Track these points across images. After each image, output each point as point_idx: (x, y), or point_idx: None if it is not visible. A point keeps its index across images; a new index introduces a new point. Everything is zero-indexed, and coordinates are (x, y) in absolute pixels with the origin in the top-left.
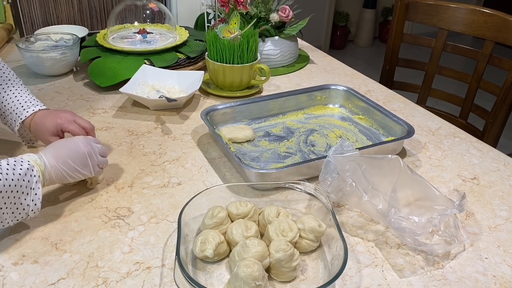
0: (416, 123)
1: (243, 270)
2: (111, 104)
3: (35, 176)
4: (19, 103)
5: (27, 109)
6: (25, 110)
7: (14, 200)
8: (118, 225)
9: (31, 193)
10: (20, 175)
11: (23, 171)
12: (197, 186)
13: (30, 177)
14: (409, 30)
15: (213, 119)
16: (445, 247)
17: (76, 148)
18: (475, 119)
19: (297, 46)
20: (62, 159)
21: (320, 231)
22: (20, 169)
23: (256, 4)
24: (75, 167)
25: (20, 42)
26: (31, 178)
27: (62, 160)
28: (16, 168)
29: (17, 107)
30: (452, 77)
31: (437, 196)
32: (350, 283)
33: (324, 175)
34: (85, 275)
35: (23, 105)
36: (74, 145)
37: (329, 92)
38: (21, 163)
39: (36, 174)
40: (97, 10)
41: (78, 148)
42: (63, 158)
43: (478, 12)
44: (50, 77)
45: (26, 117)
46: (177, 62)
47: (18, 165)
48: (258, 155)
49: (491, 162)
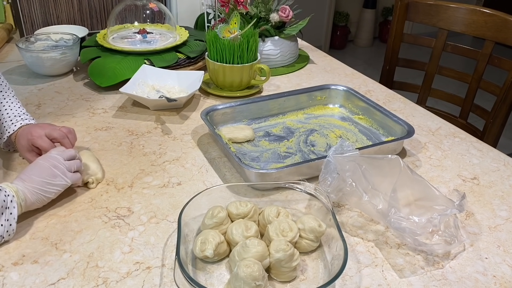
0: (416, 123)
1: (243, 270)
2: (111, 104)
3: (8, 195)
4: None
5: (15, 123)
6: (13, 124)
7: None
8: (118, 225)
9: (5, 212)
10: None
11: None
12: (197, 186)
13: (5, 197)
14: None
15: (213, 119)
16: (445, 247)
17: (36, 166)
18: (475, 119)
19: (297, 46)
20: (28, 178)
21: (320, 231)
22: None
23: (256, 4)
24: (44, 181)
25: (20, 42)
26: (6, 197)
27: (28, 179)
28: None
29: (5, 120)
30: (452, 77)
31: (437, 196)
32: (350, 283)
33: (324, 175)
34: (85, 275)
35: (11, 119)
36: (34, 164)
37: (329, 92)
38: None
39: (10, 193)
40: (97, 10)
41: (38, 165)
42: (29, 177)
43: (478, 12)
44: (50, 77)
45: (14, 130)
46: (177, 62)
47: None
48: (258, 155)
49: (491, 162)
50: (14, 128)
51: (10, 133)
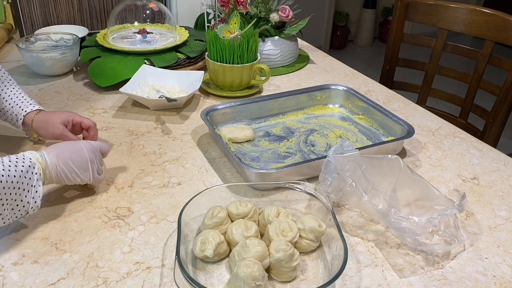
0: (416, 123)
1: (243, 270)
2: (111, 104)
3: (36, 174)
4: (24, 97)
5: (33, 104)
6: (31, 105)
7: (15, 197)
8: (118, 225)
9: (31, 190)
10: (22, 171)
11: (24, 168)
12: (197, 186)
13: (32, 175)
14: (409, 30)
15: (213, 119)
16: (445, 247)
17: (79, 152)
18: (475, 119)
19: (297, 46)
20: (63, 159)
21: (320, 231)
22: (22, 165)
23: (256, 4)
24: (74, 170)
25: (20, 42)
26: (33, 175)
27: (63, 160)
28: (18, 165)
29: (21, 101)
30: (452, 77)
31: (437, 196)
32: (350, 283)
33: (324, 175)
34: (85, 275)
35: (28, 101)
36: (78, 148)
37: (329, 92)
38: (23, 160)
39: (38, 171)
40: (97, 10)
41: (81, 152)
42: (64, 159)
43: (478, 12)
44: (50, 77)
45: (31, 110)
46: (177, 62)
47: (20, 162)
48: (258, 155)
49: (491, 162)
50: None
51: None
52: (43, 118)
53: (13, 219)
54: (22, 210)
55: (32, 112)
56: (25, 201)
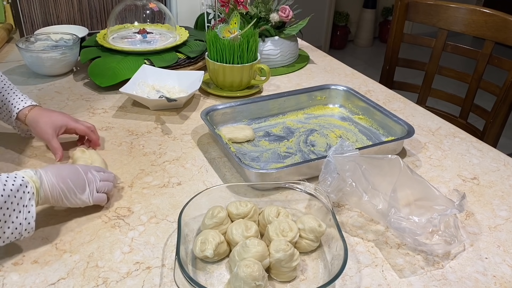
0: (416, 123)
1: (243, 270)
2: (111, 104)
3: (28, 193)
4: (15, 94)
5: (25, 100)
6: (22, 101)
7: (4, 218)
8: (118, 225)
9: (23, 210)
10: (11, 191)
11: (15, 187)
12: (197, 186)
13: (23, 194)
14: (409, 30)
15: (213, 119)
16: (445, 247)
17: (77, 173)
18: (475, 119)
19: (297, 46)
20: (63, 178)
21: (320, 231)
22: (12, 184)
23: (256, 4)
24: (74, 190)
25: (20, 42)
26: (24, 194)
27: (62, 179)
28: (8, 183)
29: (13, 98)
30: (452, 77)
31: (437, 196)
32: (350, 283)
33: (324, 175)
34: (85, 275)
35: (20, 97)
36: (75, 170)
37: (329, 92)
38: (14, 179)
39: (30, 190)
40: (97, 10)
41: (78, 173)
42: (64, 178)
43: (478, 12)
44: (50, 77)
45: (24, 107)
46: (177, 62)
47: (11, 181)
48: (258, 155)
49: (491, 162)
50: (24, 105)
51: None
52: (35, 117)
53: (5, 242)
54: (15, 232)
55: (25, 108)
56: (16, 222)
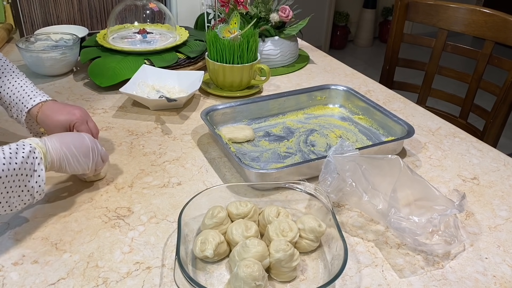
0: (416, 123)
1: (243, 270)
2: (111, 104)
3: (37, 158)
4: (25, 92)
5: (34, 98)
6: (31, 99)
7: (19, 183)
8: (118, 225)
9: (34, 175)
10: (23, 157)
11: (25, 153)
12: (197, 186)
13: (33, 159)
14: (409, 30)
15: (213, 119)
16: (445, 247)
17: (81, 139)
18: (475, 119)
19: (297, 46)
20: (66, 144)
21: (320, 231)
22: (23, 151)
23: (256, 4)
24: (77, 155)
25: (20, 42)
26: (34, 160)
27: (66, 145)
28: (19, 152)
29: (23, 97)
30: (452, 77)
31: (437, 196)
32: (350, 283)
33: (324, 175)
34: (85, 275)
35: (29, 95)
36: (80, 137)
37: (329, 92)
38: (23, 147)
39: (38, 155)
40: (97, 10)
41: (83, 140)
42: (67, 144)
43: (478, 12)
44: (50, 77)
45: (32, 106)
46: (177, 62)
47: (20, 149)
48: (258, 155)
49: (491, 162)
50: (33, 103)
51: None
52: (46, 115)
53: (21, 206)
54: (28, 195)
55: (35, 107)
56: (29, 186)
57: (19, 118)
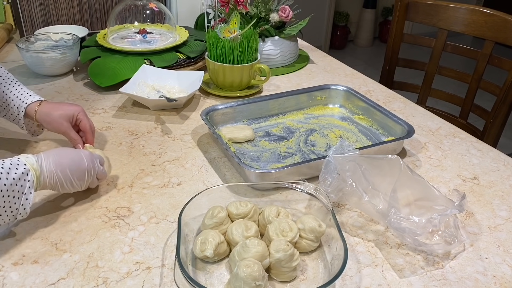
0: (416, 123)
1: (243, 270)
2: (111, 104)
3: (29, 181)
4: (21, 93)
5: (33, 95)
6: (31, 96)
7: (4, 204)
8: (118, 225)
9: (22, 197)
10: (14, 179)
11: (17, 175)
12: (197, 186)
13: (24, 182)
14: (409, 30)
15: (213, 119)
16: (445, 247)
17: (79, 162)
18: (475, 119)
19: (297, 46)
20: (62, 167)
21: (320, 231)
22: (15, 173)
23: (256, 4)
24: (71, 179)
25: (20, 42)
26: (25, 182)
27: (61, 168)
28: (11, 171)
29: (21, 94)
30: (452, 77)
31: (437, 196)
32: (350, 283)
33: (324, 175)
34: (85, 275)
35: (26, 95)
36: (78, 158)
37: (329, 92)
38: (16, 166)
39: (31, 179)
40: (97, 10)
41: (80, 162)
42: (63, 168)
43: (478, 12)
44: (50, 77)
45: (32, 101)
46: (177, 62)
47: (13, 169)
48: (258, 155)
49: (491, 162)
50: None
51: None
52: (47, 110)
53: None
54: (10, 215)
55: (34, 103)
56: (14, 207)
57: (18, 117)
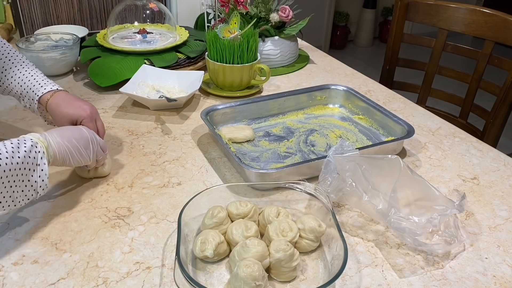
0: (416, 123)
1: (243, 270)
2: (111, 104)
3: (39, 152)
4: (36, 81)
5: (45, 86)
6: (42, 87)
7: (22, 178)
8: (118, 225)
9: (37, 169)
10: (25, 151)
11: (27, 147)
12: (197, 186)
13: (35, 153)
14: (409, 30)
15: (213, 119)
16: (445, 247)
17: (80, 132)
18: (475, 119)
19: (297, 46)
20: (67, 137)
21: (320, 231)
22: (24, 146)
23: (256, 4)
24: (78, 147)
25: (20, 42)
26: (36, 154)
27: (67, 138)
28: (21, 146)
29: (33, 85)
30: (452, 77)
31: (437, 196)
32: (350, 283)
33: (324, 175)
34: (85, 275)
35: (40, 83)
36: (78, 129)
37: (329, 92)
38: (24, 142)
39: (40, 150)
40: (97, 10)
41: (81, 132)
42: (68, 137)
43: (478, 12)
44: (50, 77)
45: (43, 93)
46: (177, 62)
47: (22, 144)
48: (258, 155)
49: (491, 162)
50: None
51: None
52: (55, 106)
53: (25, 201)
54: (31, 190)
55: (44, 95)
56: (32, 180)
57: (32, 107)
